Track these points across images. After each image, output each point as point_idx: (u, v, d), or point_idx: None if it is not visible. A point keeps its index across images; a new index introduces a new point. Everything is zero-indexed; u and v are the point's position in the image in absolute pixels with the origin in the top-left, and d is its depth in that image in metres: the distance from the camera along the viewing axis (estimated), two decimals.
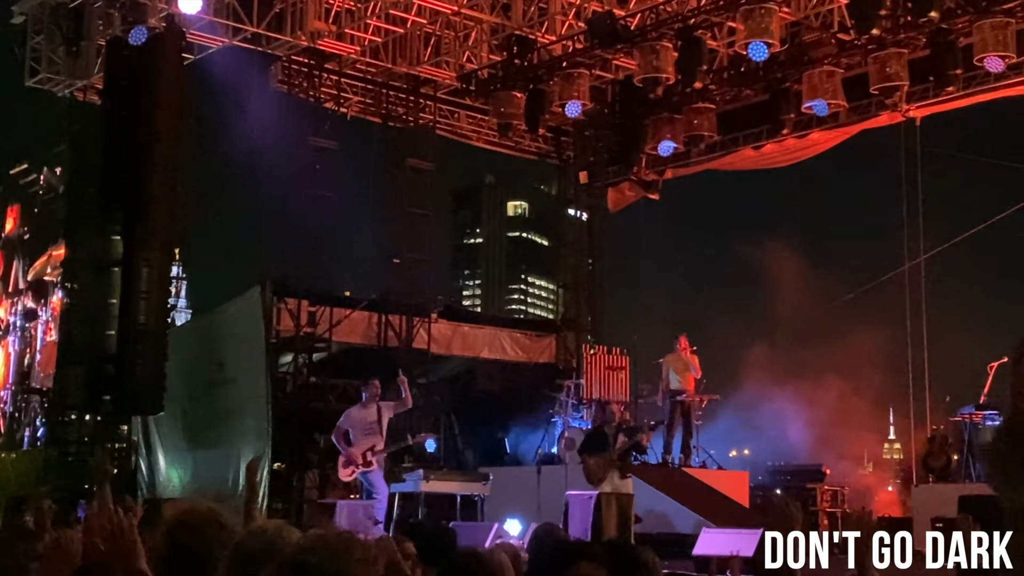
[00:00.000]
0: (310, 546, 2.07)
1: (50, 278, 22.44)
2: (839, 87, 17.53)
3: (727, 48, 18.90)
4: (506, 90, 19.32)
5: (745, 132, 20.29)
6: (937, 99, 17.67)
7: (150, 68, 15.93)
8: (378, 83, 21.22)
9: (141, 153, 15.76)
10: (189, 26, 17.05)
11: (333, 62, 20.26)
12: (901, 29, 16.38)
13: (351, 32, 19.11)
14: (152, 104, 15.82)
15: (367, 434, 13.77)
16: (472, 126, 22.98)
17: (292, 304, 19.38)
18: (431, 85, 21.27)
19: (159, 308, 15.90)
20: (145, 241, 15.67)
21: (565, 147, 23.60)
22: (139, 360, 15.50)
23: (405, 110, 21.45)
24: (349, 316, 20.13)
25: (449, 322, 21.91)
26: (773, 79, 18.28)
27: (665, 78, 17.51)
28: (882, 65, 16.74)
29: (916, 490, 16.66)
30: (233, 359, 18.99)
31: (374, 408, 13.92)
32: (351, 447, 13.81)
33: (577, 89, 18.57)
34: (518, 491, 14.64)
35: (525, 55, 19.02)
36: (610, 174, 22.38)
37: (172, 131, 16.00)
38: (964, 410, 16.15)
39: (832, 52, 17.32)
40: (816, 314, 22.46)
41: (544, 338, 23.38)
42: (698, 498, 15.61)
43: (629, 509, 12.76)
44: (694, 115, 19.57)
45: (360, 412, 14.05)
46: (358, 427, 13.86)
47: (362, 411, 14.03)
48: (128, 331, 15.48)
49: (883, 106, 17.95)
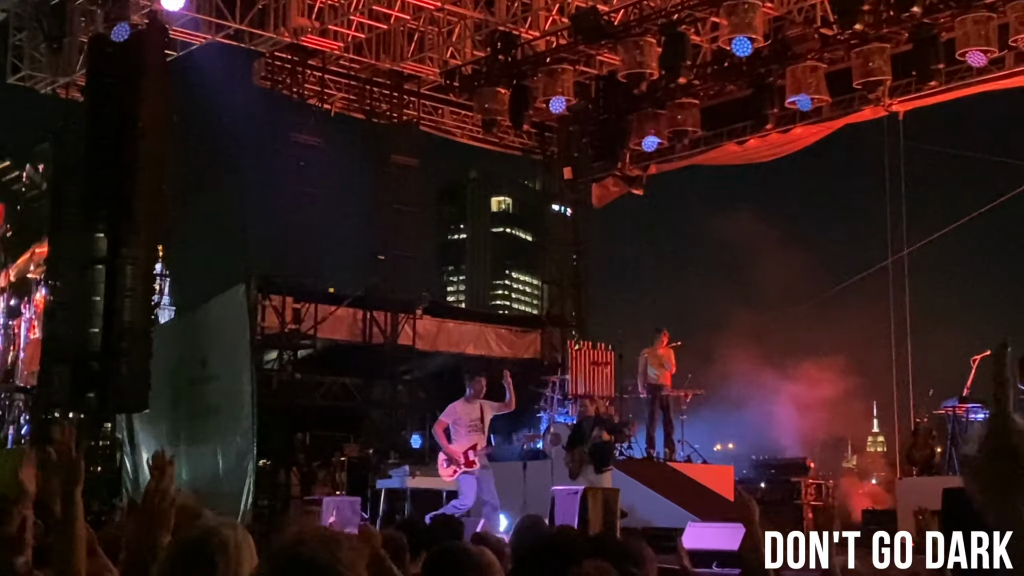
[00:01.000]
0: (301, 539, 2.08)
1: (33, 275, 22.33)
2: (822, 82, 17.59)
3: (711, 43, 18.94)
4: (490, 86, 19.33)
5: (729, 127, 20.34)
6: (919, 94, 17.74)
7: (133, 65, 15.88)
8: (362, 79, 21.19)
9: (124, 150, 15.71)
10: (172, 23, 17.01)
11: (316, 58, 20.23)
12: (884, 24, 16.44)
13: (334, 28, 19.09)
14: (135, 101, 15.77)
15: (471, 431, 12.84)
16: (456, 122, 22.98)
17: (277, 301, 19.35)
18: (415, 81, 21.26)
19: (143, 306, 15.86)
20: (129, 238, 15.62)
21: (549, 143, 23.62)
22: (124, 358, 15.46)
23: (389, 106, 21.44)
24: (334, 313, 20.12)
25: (434, 318, 21.92)
26: (756, 74, 18.32)
27: (649, 73, 17.55)
28: (865, 60, 16.80)
29: (900, 483, 16.75)
30: (217, 356, 18.96)
31: (478, 405, 13.01)
32: (452, 444, 12.90)
33: (561, 85, 18.59)
34: (504, 486, 14.62)
35: (509, 51, 19.03)
36: (594, 169, 22.41)
37: (155, 128, 15.95)
38: (947, 403, 16.23)
39: (815, 47, 17.38)
40: (800, 309, 22.54)
41: (529, 334, 23.41)
42: (683, 492, 15.66)
43: (615, 504, 12.79)
44: (678, 110, 19.61)
45: (465, 407, 13.06)
46: (462, 423, 12.93)
47: (467, 406, 13.05)
48: (112, 329, 15.44)
49: (866, 101, 18.02)
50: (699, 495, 15.84)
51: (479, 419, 12.88)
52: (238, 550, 2.60)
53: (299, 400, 19.34)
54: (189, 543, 2.63)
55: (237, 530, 2.68)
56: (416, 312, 21.06)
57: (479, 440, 12.84)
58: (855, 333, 20.56)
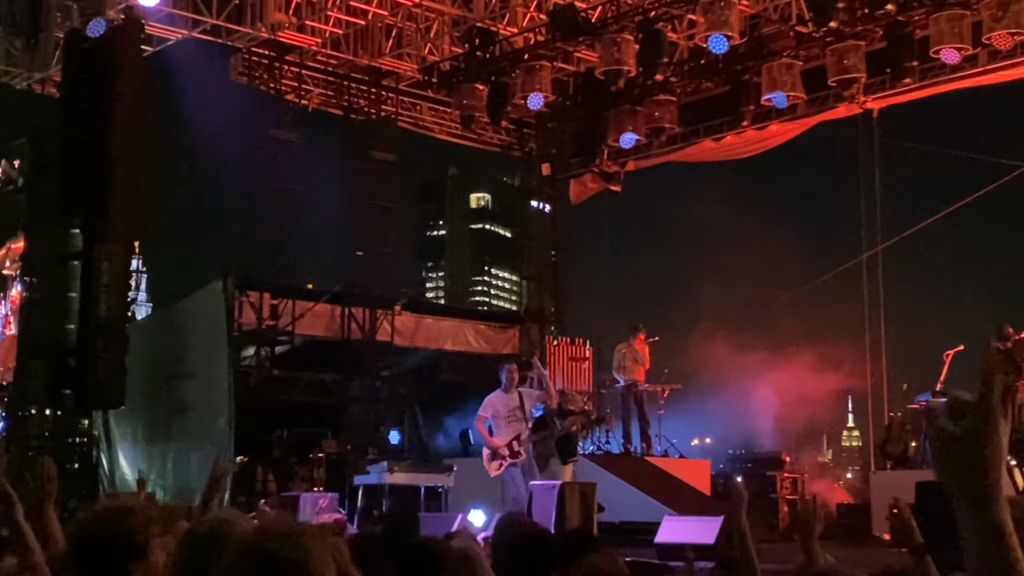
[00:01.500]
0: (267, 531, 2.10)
1: (9, 271, 22.21)
2: (798, 79, 17.71)
3: (687, 41, 19.04)
4: (468, 82, 19.35)
5: (706, 124, 20.44)
6: (894, 91, 17.87)
7: (109, 60, 15.82)
8: (339, 75, 21.17)
9: (100, 146, 15.66)
10: (148, 18, 16.95)
11: (294, 54, 20.20)
12: (858, 22, 16.56)
13: (312, 24, 19.07)
14: (111, 96, 15.71)
15: (511, 422, 12.59)
16: (435, 118, 22.99)
17: (254, 297, 19.32)
18: (393, 77, 21.26)
19: (120, 302, 15.82)
20: (105, 234, 15.57)
21: (527, 139, 23.66)
22: (100, 354, 15.41)
23: (367, 102, 21.43)
24: (312, 309, 20.11)
25: (413, 314, 21.92)
26: (733, 71, 18.43)
27: (626, 70, 17.61)
28: (840, 57, 16.92)
29: (874, 476, 16.89)
30: (193, 353, 18.92)
31: (516, 394, 12.73)
32: (494, 437, 12.67)
33: (539, 81, 18.64)
34: (482, 482, 14.68)
35: (487, 47, 19.06)
36: (572, 166, 22.46)
37: (132, 124, 15.90)
38: (921, 397, 16.36)
39: (791, 45, 17.49)
40: (776, 304, 22.67)
41: (508, 329, 23.45)
42: (660, 486, 15.75)
43: (592, 498, 12.84)
44: (655, 107, 19.68)
45: (502, 398, 12.77)
46: (501, 415, 12.65)
47: (504, 397, 12.77)
48: (89, 325, 15.39)
49: (841, 98, 18.14)
50: (675, 489, 15.93)
51: (518, 408, 12.62)
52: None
53: (277, 396, 19.32)
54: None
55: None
56: (395, 308, 21.07)
57: (521, 430, 12.58)
58: (830, 328, 20.70)
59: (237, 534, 2.55)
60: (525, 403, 12.70)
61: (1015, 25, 15.29)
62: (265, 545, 2.07)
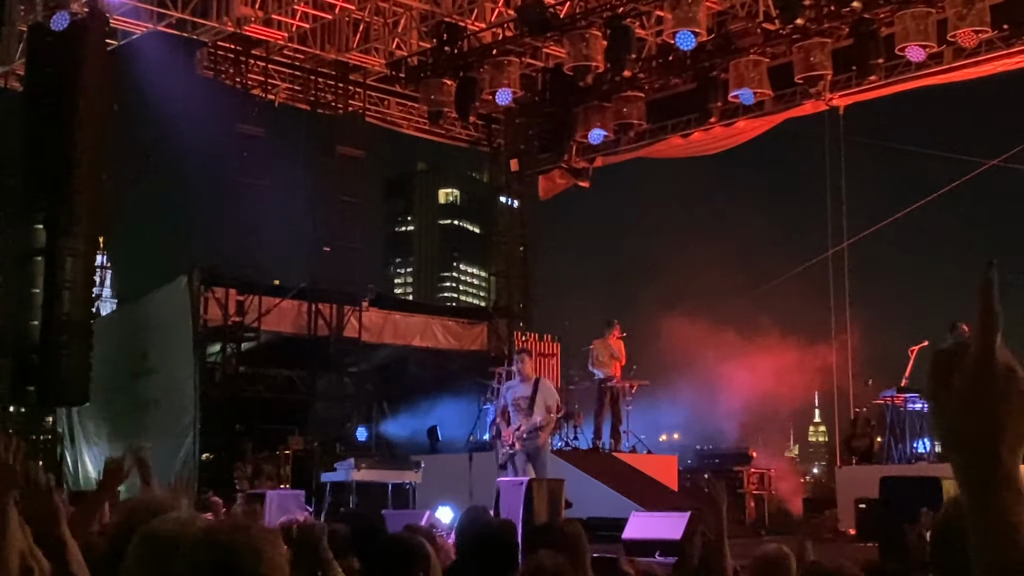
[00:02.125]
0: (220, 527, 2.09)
1: None
2: (765, 76, 17.77)
3: (655, 37, 19.06)
4: (436, 77, 19.29)
5: (673, 120, 20.49)
6: (860, 88, 17.98)
7: (73, 54, 15.68)
8: (306, 70, 21.06)
9: (64, 140, 15.51)
10: (112, 11, 16.80)
11: (260, 48, 20.08)
12: (825, 19, 16.64)
13: (278, 18, 18.95)
14: (75, 90, 15.57)
15: (516, 412, 12.54)
16: (402, 113, 22.92)
17: (220, 293, 19.20)
18: (360, 72, 21.17)
19: (84, 298, 15.69)
20: (69, 230, 15.43)
21: (496, 135, 23.63)
22: (64, 351, 15.29)
23: (334, 97, 21.33)
24: (278, 305, 20.00)
25: (380, 310, 21.86)
26: (700, 68, 18.47)
27: (595, 66, 17.61)
28: (806, 54, 17.00)
29: (840, 471, 17.01)
30: (158, 349, 18.79)
31: (531, 383, 12.62)
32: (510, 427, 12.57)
33: (507, 77, 18.61)
34: (450, 478, 14.65)
35: (455, 42, 19.01)
36: (541, 161, 22.47)
37: (96, 118, 15.77)
38: (886, 393, 16.49)
39: (758, 41, 17.55)
40: (743, 300, 22.77)
41: (476, 325, 23.43)
42: (628, 482, 15.77)
43: (560, 494, 12.84)
44: (623, 103, 19.71)
45: (514, 387, 12.79)
46: (512, 405, 12.62)
47: (516, 386, 12.76)
48: (52, 321, 15.25)
49: (807, 95, 18.23)
50: (643, 485, 15.97)
51: (526, 397, 12.55)
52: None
53: (243, 393, 19.21)
54: None
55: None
56: (362, 304, 21.00)
57: (524, 421, 12.55)
58: (797, 324, 20.83)
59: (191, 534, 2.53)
60: (539, 392, 12.57)
61: (979, 23, 15.41)
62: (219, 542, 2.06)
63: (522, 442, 12.52)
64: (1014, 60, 16.63)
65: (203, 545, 2.08)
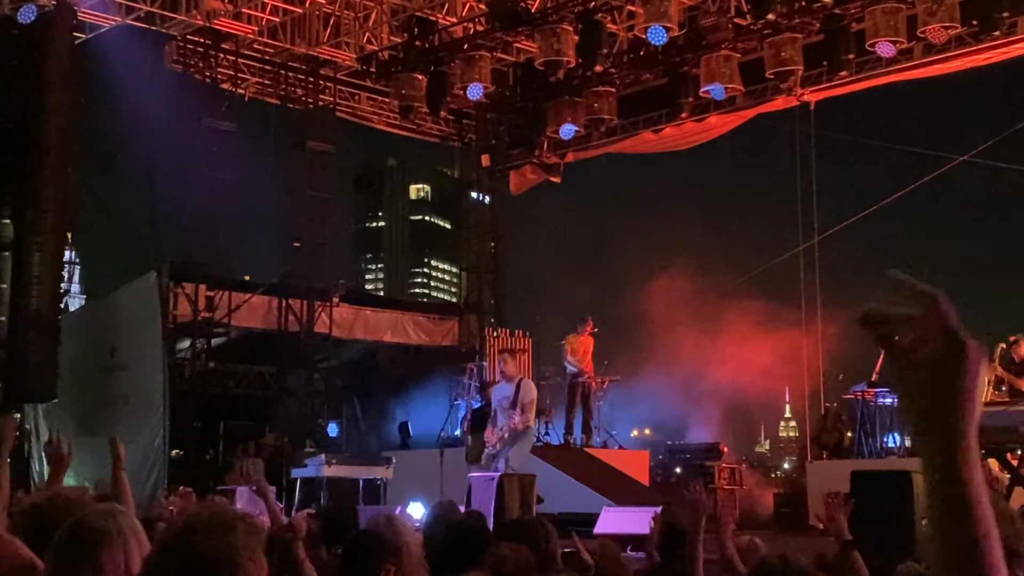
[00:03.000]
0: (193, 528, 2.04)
1: None
2: (736, 71, 17.80)
3: (627, 32, 19.06)
4: (407, 72, 19.22)
5: (645, 115, 20.49)
6: (831, 83, 18.03)
7: (40, 48, 15.53)
8: (276, 64, 20.93)
9: (30, 134, 15.35)
10: (80, 4, 16.63)
11: (229, 42, 19.93)
12: (796, 14, 16.69)
13: (248, 12, 18.84)
14: (42, 84, 15.43)
15: (500, 412, 12.60)
16: (373, 108, 22.82)
17: (189, 288, 19.06)
18: (331, 66, 21.06)
19: (51, 293, 15.54)
20: (36, 224, 15.28)
21: (467, 130, 23.58)
22: (31, 346, 15.15)
23: (304, 92, 21.22)
24: (248, 300, 19.89)
25: (351, 306, 21.77)
26: (672, 63, 18.49)
27: (566, 61, 17.59)
28: (777, 50, 17.04)
29: (810, 466, 17.08)
30: (126, 345, 18.62)
31: (515, 384, 12.59)
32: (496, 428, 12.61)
33: (479, 72, 18.56)
34: (421, 474, 14.62)
35: (426, 37, 18.94)
36: (512, 157, 22.43)
37: (63, 112, 15.62)
38: (856, 388, 16.57)
39: (729, 36, 17.58)
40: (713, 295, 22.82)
41: (447, 321, 23.39)
42: (599, 478, 15.79)
43: (531, 490, 12.83)
44: (595, 98, 19.71)
45: (498, 388, 12.87)
46: (498, 406, 12.66)
47: (501, 387, 12.85)
48: (20, 317, 15.10)
49: (778, 90, 18.26)
50: (615, 480, 15.99)
51: (508, 397, 12.53)
52: (123, 539, 2.56)
53: (213, 389, 19.09)
54: (61, 535, 2.57)
55: (118, 519, 2.63)
56: (333, 300, 20.91)
57: (504, 421, 12.54)
58: (767, 320, 20.88)
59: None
60: (521, 392, 12.54)
61: (949, 19, 15.50)
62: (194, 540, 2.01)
63: (503, 443, 12.53)
64: (983, 56, 16.73)
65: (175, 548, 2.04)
